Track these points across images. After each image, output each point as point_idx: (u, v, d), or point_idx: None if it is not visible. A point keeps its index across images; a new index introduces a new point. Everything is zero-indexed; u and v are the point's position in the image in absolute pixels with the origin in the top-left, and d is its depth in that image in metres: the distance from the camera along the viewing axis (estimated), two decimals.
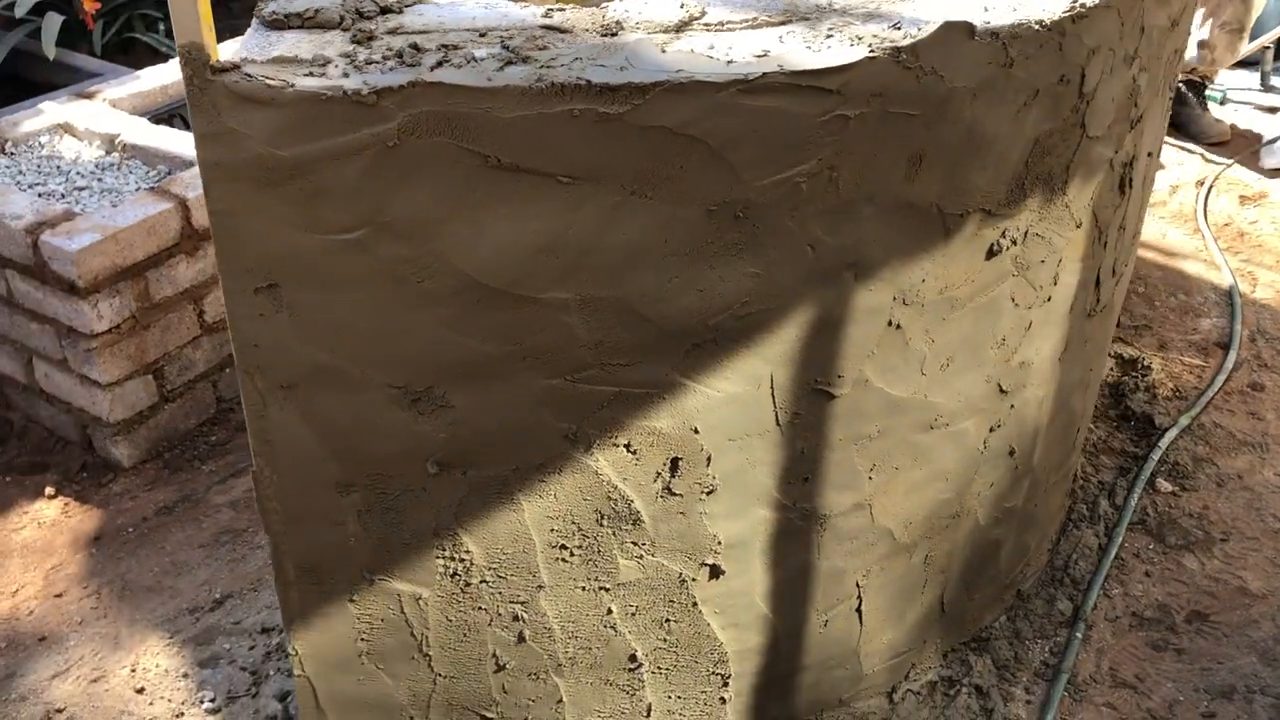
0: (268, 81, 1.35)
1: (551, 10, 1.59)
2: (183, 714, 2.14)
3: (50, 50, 4.39)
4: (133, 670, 2.23)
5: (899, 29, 1.54)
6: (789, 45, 1.52)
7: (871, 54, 1.49)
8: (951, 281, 1.75)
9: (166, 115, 3.33)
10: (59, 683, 2.20)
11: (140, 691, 2.18)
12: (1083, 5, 1.64)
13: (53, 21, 4.59)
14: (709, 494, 1.77)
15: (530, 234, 1.48)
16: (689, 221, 1.52)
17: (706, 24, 1.58)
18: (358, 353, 1.54)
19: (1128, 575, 2.55)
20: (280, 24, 1.50)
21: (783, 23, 1.60)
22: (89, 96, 3.20)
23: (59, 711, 2.14)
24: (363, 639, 1.83)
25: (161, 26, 5.13)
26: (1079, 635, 2.37)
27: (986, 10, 1.63)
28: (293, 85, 1.35)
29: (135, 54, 5.08)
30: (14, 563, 2.50)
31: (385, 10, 1.56)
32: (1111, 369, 3.21)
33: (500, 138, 1.41)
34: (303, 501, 1.68)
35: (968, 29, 1.54)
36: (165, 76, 3.39)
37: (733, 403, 1.69)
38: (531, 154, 1.42)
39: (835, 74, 1.47)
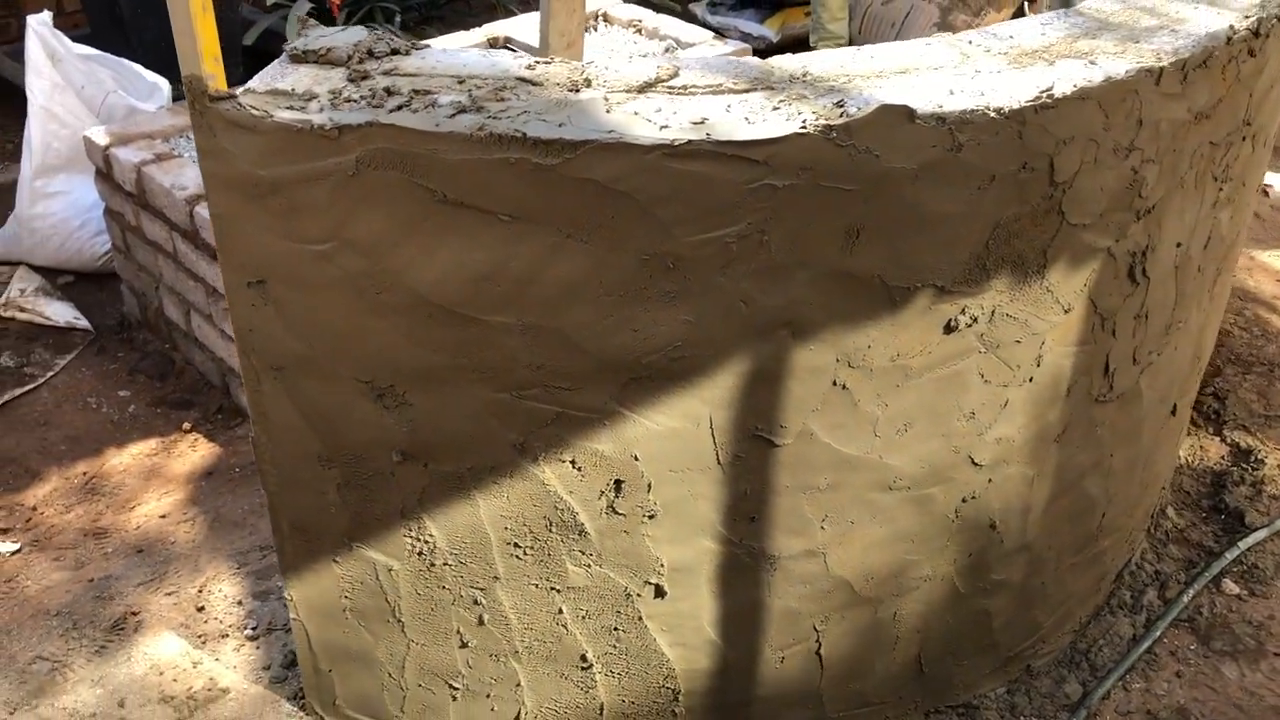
0: (252, 111, 1.59)
1: (539, 63, 1.76)
2: (227, 635, 2.46)
3: (291, 34, 4.93)
4: (200, 590, 2.57)
5: (841, 106, 1.61)
6: (734, 114, 1.62)
7: (802, 130, 1.57)
8: (904, 350, 1.80)
9: None
10: (141, 590, 2.57)
11: (200, 610, 2.52)
12: (1049, 95, 1.65)
13: (300, 7, 5.14)
14: (651, 518, 1.89)
15: (474, 263, 1.65)
16: (622, 267, 1.65)
17: (670, 87, 1.70)
18: (329, 348, 1.77)
19: (1155, 672, 2.46)
20: (299, 59, 1.74)
21: (745, 90, 1.69)
22: None
23: (134, 614, 2.51)
24: (346, 596, 2.07)
25: (398, 19, 5.61)
26: None
27: (952, 94, 1.66)
28: (272, 116, 1.59)
29: None
30: (139, 483, 2.92)
31: (394, 52, 1.78)
32: (1222, 458, 3.05)
33: (447, 176, 1.59)
34: (292, 468, 1.93)
35: (906, 112, 1.59)
36: None
37: (672, 436, 1.81)
38: (475, 193, 1.60)
39: (762, 146, 1.57)
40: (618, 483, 1.86)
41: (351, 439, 1.86)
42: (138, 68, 3.90)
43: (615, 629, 2.03)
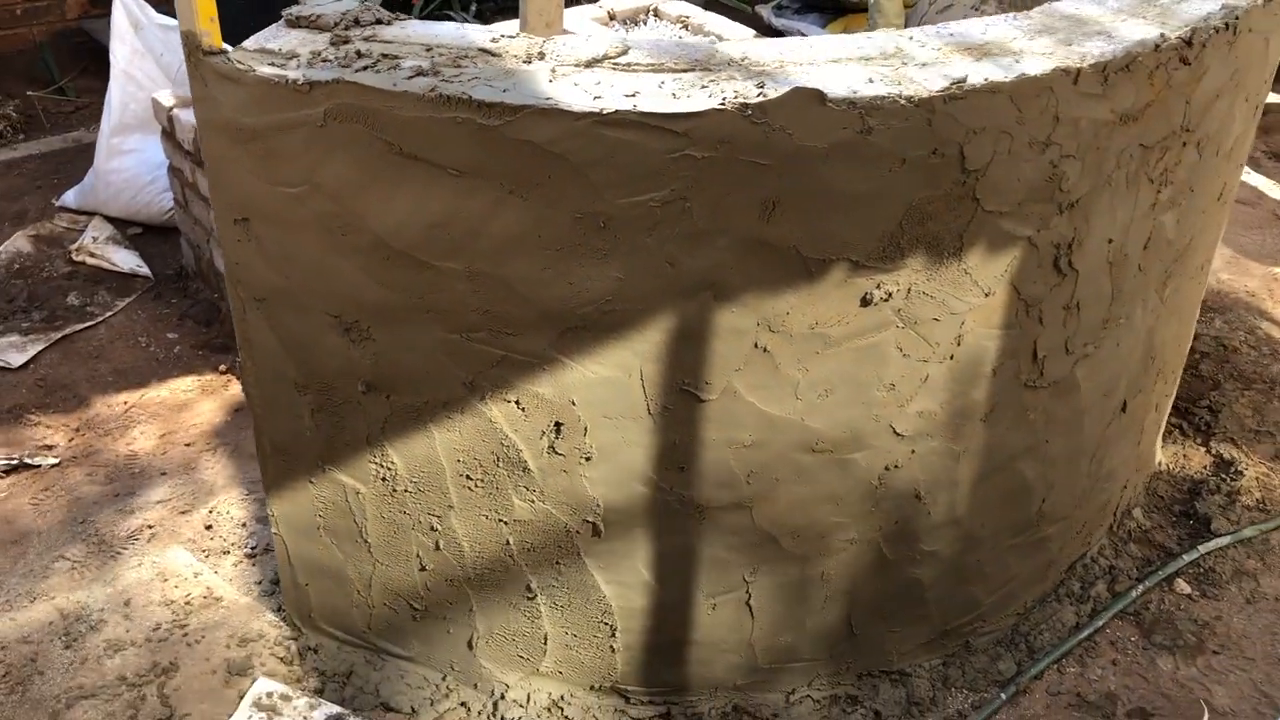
0: (238, 65, 1.81)
1: (503, 36, 1.94)
2: (229, 551, 2.70)
3: None
4: (211, 510, 2.82)
5: (761, 88, 1.76)
6: (664, 90, 1.78)
7: (720, 107, 1.73)
8: (822, 319, 1.94)
9: None
10: (158, 508, 2.83)
11: (209, 528, 2.77)
12: (958, 86, 1.78)
13: None
14: (588, 460, 2.06)
15: (428, 211, 1.84)
16: (558, 223, 1.83)
17: (616, 63, 1.87)
18: (303, 282, 1.98)
19: (1092, 659, 2.54)
20: (293, 23, 1.96)
21: (684, 70, 1.86)
22: None
23: (149, 527, 2.77)
24: (319, 515, 2.28)
25: (474, 7, 5.87)
26: (1004, 695, 2.43)
27: (871, 81, 1.80)
28: (254, 70, 1.80)
29: None
30: (173, 414, 3.19)
31: (378, 21, 1.98)
32: (1204, 468, 3.11)
33: (403, 131, 1.78)
34: (273, 392, 2.15)
35: (818, 95, 1.74)
36: None
37: (606, 385, 1.98)
38: (427, 148, 1.79)
39: (682, 119, 1.73)
40: (557, 424, 2.03)
41: (323, 368, 2.07)
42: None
43: (557, 563, 2.20)
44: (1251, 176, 4.66)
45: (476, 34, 1.95)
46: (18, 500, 2.87)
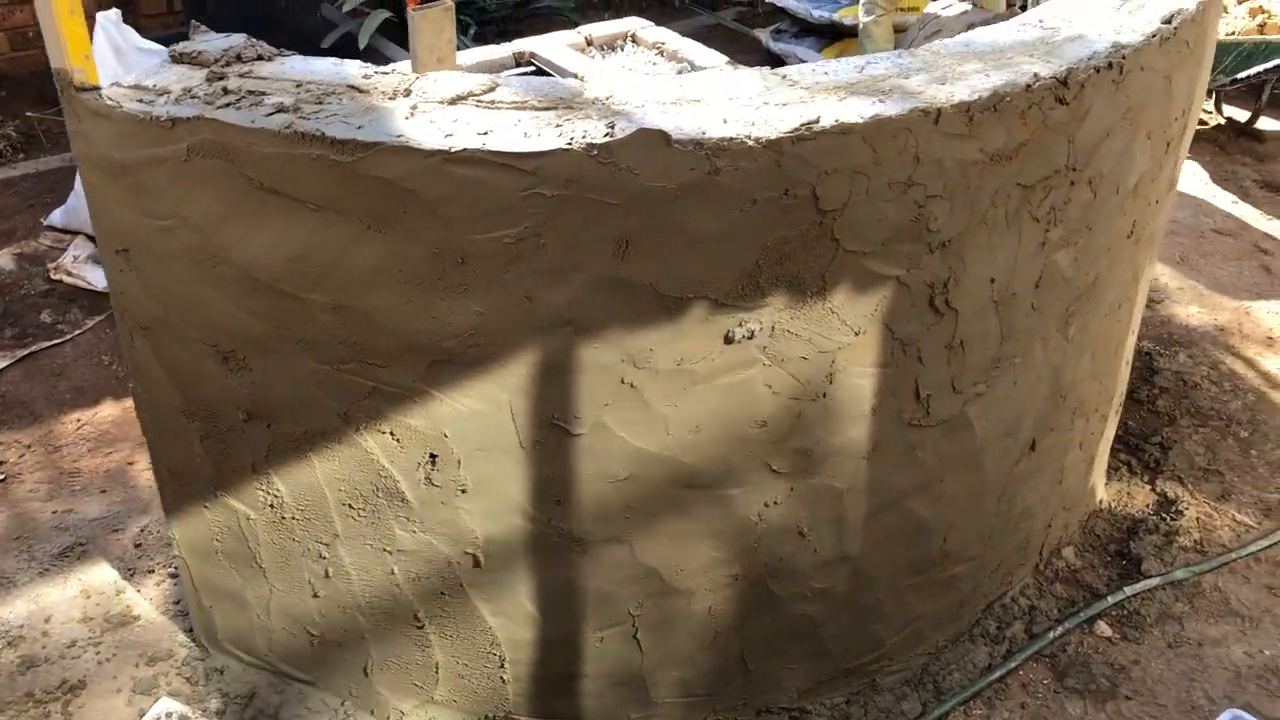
0: (107, 101, 1.85)
1: (376, 74, 1.97)
2: (154, 570, 2.75)
3: (364, 40, 5.29)
4: (142, 529, 2.87)
5: (612, 128, 1.77)
6: (518, 128, 1.80)
7: (567, 147, 1.74)
8: (687, 356, 1.94)
9: None
10: (92, 525, 2.90)
11: (138, 546, 2.82)
12: (807, 128, 1.78)
13: (375, 17, 5.50)
14: (464, 492, 2.08)
15: (289, 245, 1.88)
16: (416, 258, 1.85)
17: (480, 101, 1.89)
18: (179, 313, 2.02)
19: (1001, 701, 2.51)
20: (177, 59, 2.00)
21: (546, 108, 1.87)
22: None
23: (81, 545, 2.83)
24: (216, 540, 2.31)
25: (472, 30, 5.93)
26: None
27: (725, 122, 1.81)
28: (122, 107, 1.85)
29: None
30: (120, 432, 3.25)
31: (259, 58, 2.02)
32: (1147, 506, 3.05)
33: (262, 167, 1.82)
34: (163, 418, 2.19)
35: (663, 137, 1.74)
36: None
37: (477, 417, 2.00)
38: (286, 182, 1.82)
39: (530, 158, 1.75)
40: (432, 456, 2.05)
41: (205, 396, 2.11)
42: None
43: (442, 593, 2.22)
44: (1238, 207, 4.58)
45: (351, 71, 1.98)
46: None
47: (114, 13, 4.11)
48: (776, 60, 6.14)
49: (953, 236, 1.98)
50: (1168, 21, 2.22)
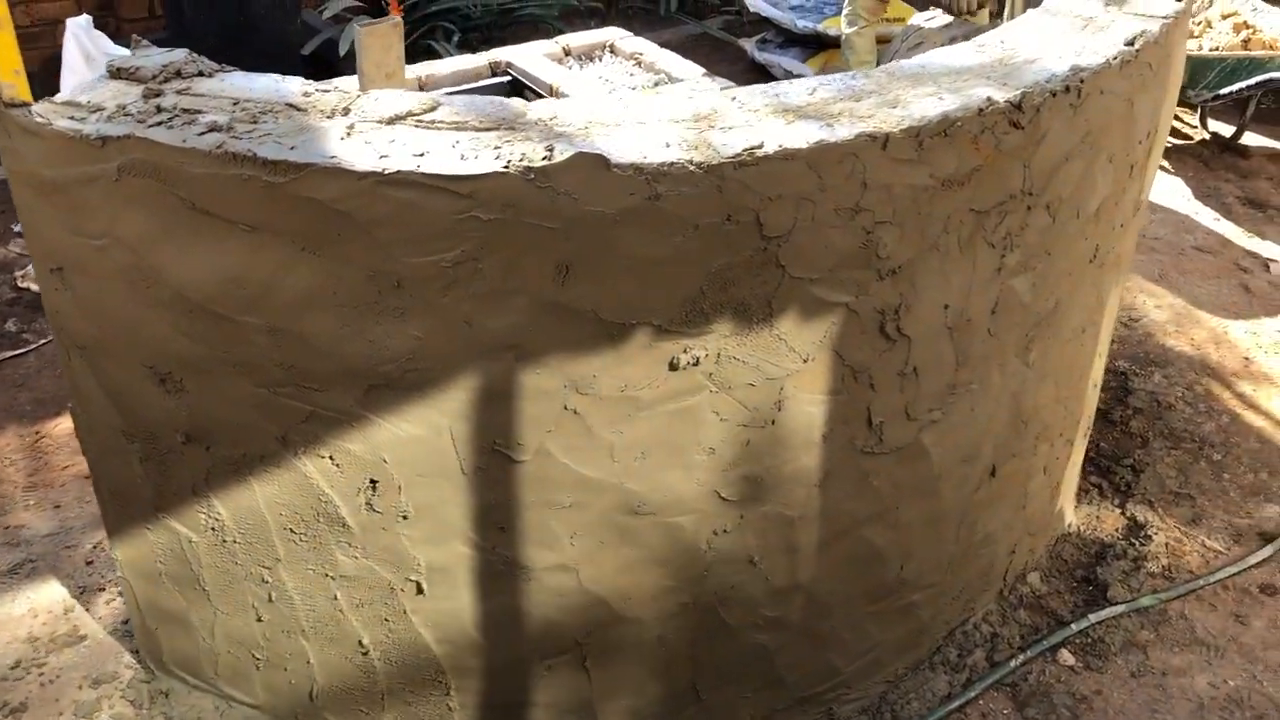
0: (37, 118, 1.81)
1: (315, 91, 1.93)
2: (103, 588, 2.71)
3: (344, 47, 5.25)
4: (95, 546, 2.82)
5: (551, 151, 1.73)
6: (456, 150, 1.76)
7: (504, 170, 1.70)
8: (632, 382, 1.90)
9: None
10: (46, 540, 2.85)
11: (89, 564, 2.77)
12: (749, 153, 1.74)
13: (359, 22, 5.46)
14: (405, 518, 2.03)
15: (223, 266, 1.83)
16: (352, 281, 1.81)
17: (420, 120, 1.85)
18: (115, 333, 1.98)
19: None
20: (115, 74, 1.96)
21: (487, 129, 1.83)
22: None
23: (32, 561, 2.79)
24: (160, 562, 2.27)
25: (455, 38, 5.90)
26: None
27: (668, 146, 1.77)
28: (52, 124, 1.80)
29: (428, 58, 5.86)
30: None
31: (199, 74, 1.98)
32: (1115, 530, 3.01)
33: (194, 187, 1.78)
34: (103, 439, 2.15)
35: (601, 161, 1.70)
36: (411, 73, 4.03)
37: (417, 443, 1.95)
38: (218, 203, 1.78)
39: (465, 181, 1.71)
40: (373, 481, 2.01)
41: (143, 417, 2.06)
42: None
43: (386, 619, 2.17)
44: (1220, 224, 4.54)
45: (291, 88, 1.94)
46: None
47: (84, 19, 4.09)
48: (761, 70, 6.10)
49: (903, 263, 1.94)
50: (1130, 44, 2.18)
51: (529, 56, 4.30)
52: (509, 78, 4.25)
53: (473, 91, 4.11)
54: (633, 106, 1.92)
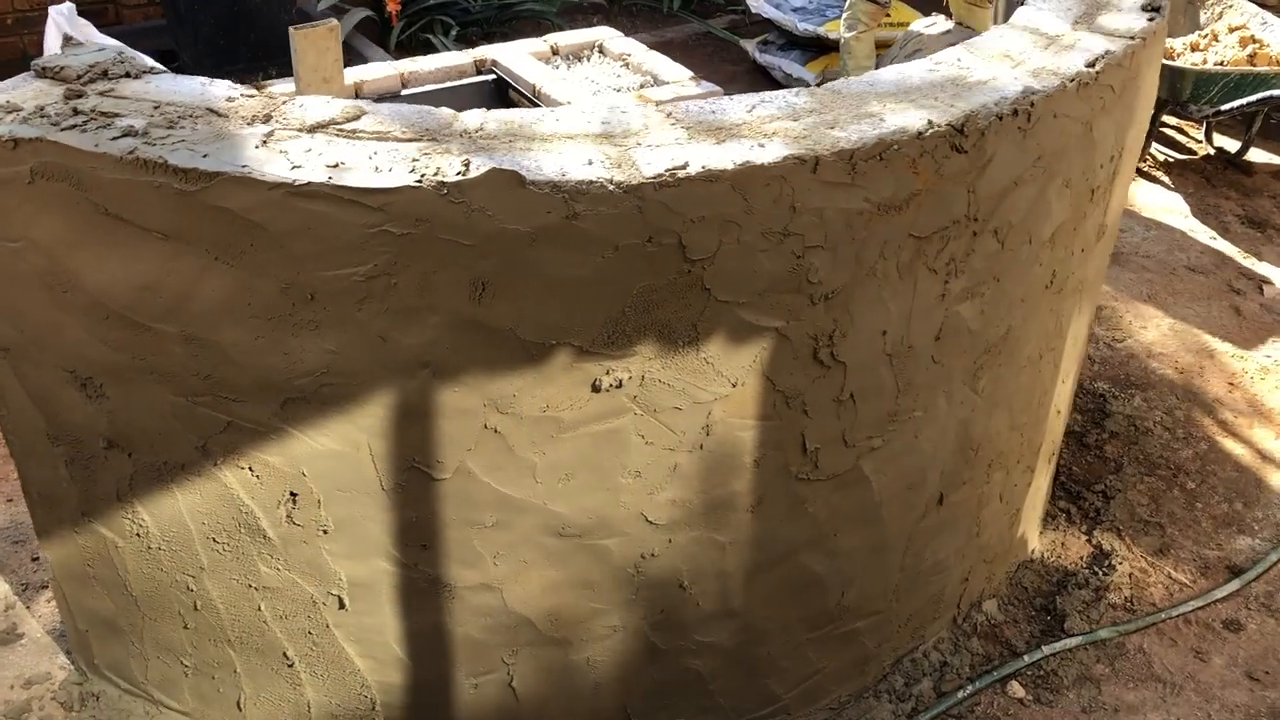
0: None
1: (241, 96, 1.89)
2: (47, 586, 2.68)
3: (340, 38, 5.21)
4: None
5: (467, 166, 1.68)
6: (373, 162, 1.72)
7: (417, 184, 1.66)
8: (553, 403, 1.85)
9: (390, 98, 3.92)
10: None
11: (35, 560, 2.76)
12: (671, 174, 1.68)
13: (354, 15, 5.44)
14: (326, 533, 2.00)
15: (138, 273, 1.80)
16: (266, 292, 1.77)
17: (341, 129, 1.81)
18: (34, 337, 1.94)
19: None
20: (40, 73, 1.93)
21: (410, 140, 1.79)
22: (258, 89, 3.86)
23: None
24: (88, 565, 2.24)
25: (454, 32, 5.86)
26: None
27: (589, 163, 1.72)
28: None
29: (425, 52, 5.82)
30: None
31: (127, 75, 1.94)
32: (1080, 559, 2.95)
33: (107, 193, 1.74)
34: (29, 441, 2.12)
35: (517, 178, 1.66)
36: (394, 69, 4.02)
37: (335, 458, 1.92)
38: (131, 210, 1.75)
39: (377, 194, 1.66)
40: (293, 494, 1.97)
41: (66, 421, 2.03)
42: (145, 57, 4.22)
43: (310, 632, 2.14)
44: (1216, 243, 4.45)
45: (216, 92, 1.91)
46: None
47: (67, 6, 4.06)
48: (762, 72, 6.03)
49: (837, 288, 1.88)
50: (1091, 65, 2.12)
51: (515, 55, 4.26)
52: (494, 76, 4.20)
53: (455, 89, 4.08)
54: (564, 119, 1.87)
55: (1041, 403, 2.54)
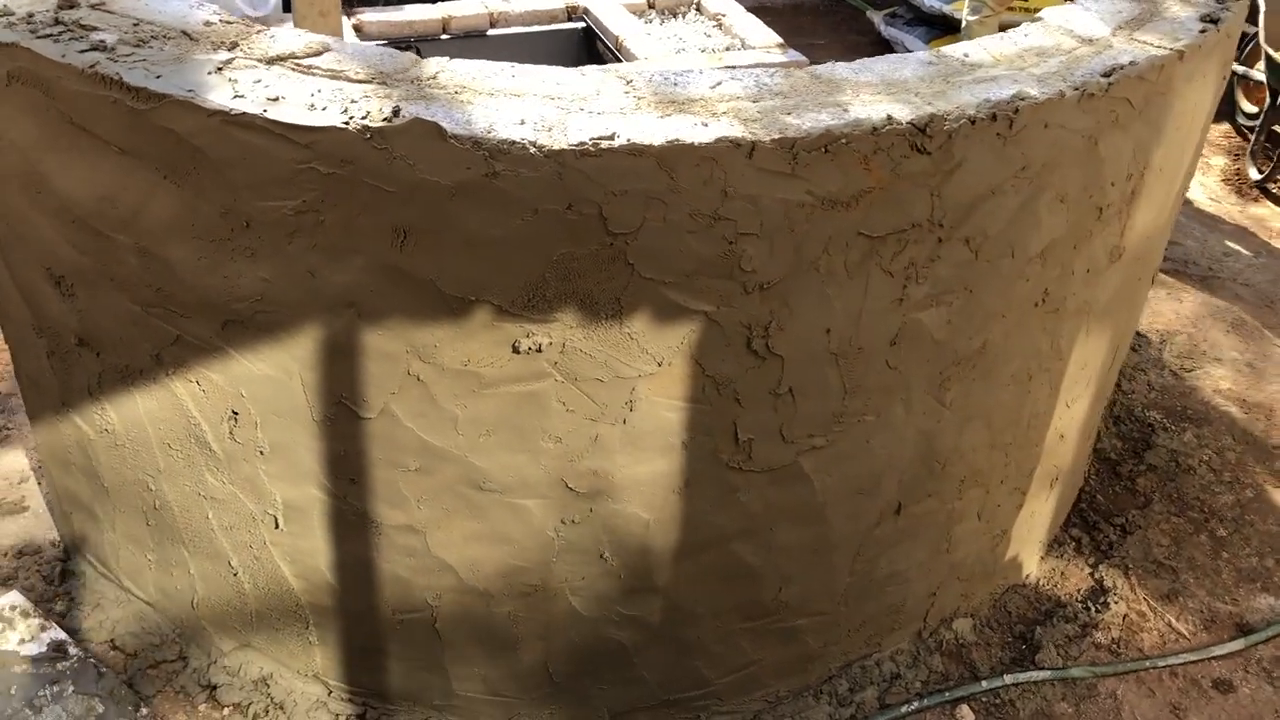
0: None
1: (222, 22, 1.93)
2: None
3: None
4: None
5: (396, 113, 1.69)
6: (313, 99, 1.74)
7: (343, 125, 1.68)
8: (474, 358, 1.86)
9: (404, 44, 4.00)
10: (20, 415, 3.02)
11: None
12: (594, 143, 1.66)
13: None
14: (262, 454, 2.06)
15: (98, 184, 1.87)
16: (208, 215, 1.82)
17: (298, 63, 1.84)
18: (17, 233, 2.05)
19: None
20: None
21: (362, 81, 1.81)
22: (348, 16, 3.95)
23: (6, 428, 2.95)
24: (69, 451, 2.37)
25: None
26: None
27: (521, 123, 1.71)
28: None
29: None
30: None
31: None
32: (1077, 591, 2.82)
33: (71, 103, 1.81)
34: (19, 330, 2.25)
35: (438, 130, 1.65)
36: (484, 7, 4.06)
37: (270, 383, 1.97)
38: (94, 122, 1.81)
39: (304, 132, 1.69)
40: (234, 413, 2.04)
41: (46, 314, 2.14)
42: None
43: (250, 546, 2.22)
44: None
45: (196, 16, 1.96)
46: None
47: None
48: (886, 45, 5.85)
49: (774, 279, 1.83)
50: (1106, 75, 1.98)
51: (607, 5, 4.23)
52: (583, 25, 4.19)
53: (540, 35, 4.08)
54: (522, 76, 1.85)
55: (1033, 425, 2.42)
